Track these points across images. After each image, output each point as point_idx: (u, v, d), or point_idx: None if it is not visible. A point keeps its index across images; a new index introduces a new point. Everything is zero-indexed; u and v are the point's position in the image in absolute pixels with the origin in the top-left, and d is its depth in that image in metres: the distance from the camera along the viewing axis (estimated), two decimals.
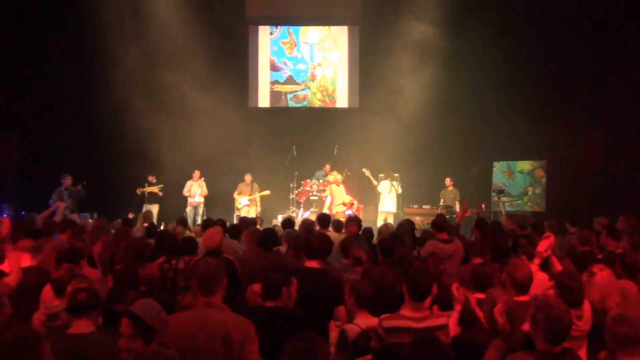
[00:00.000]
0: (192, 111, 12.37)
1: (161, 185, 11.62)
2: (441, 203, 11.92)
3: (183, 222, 7.11)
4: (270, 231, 5.23)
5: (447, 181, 11.98)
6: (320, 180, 12.42)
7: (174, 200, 12.09)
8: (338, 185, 11.18)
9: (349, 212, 10.88)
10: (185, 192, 11.93)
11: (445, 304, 3.45)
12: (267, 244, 4.94)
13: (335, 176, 11.20)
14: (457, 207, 11.72)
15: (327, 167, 12.77)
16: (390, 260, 4.68)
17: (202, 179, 12.12)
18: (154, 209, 11.27)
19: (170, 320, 2.64)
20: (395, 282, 4.00)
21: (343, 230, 6.56)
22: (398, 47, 12.76)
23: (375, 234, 6.79)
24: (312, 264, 3.93)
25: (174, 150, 11.99)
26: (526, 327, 2.68)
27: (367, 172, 11.68)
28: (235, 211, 12.05)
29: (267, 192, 12.03)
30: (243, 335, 2.66)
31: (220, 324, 2.66)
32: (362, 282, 3.65)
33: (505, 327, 3.15)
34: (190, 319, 2.71)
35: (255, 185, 12.15)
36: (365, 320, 3.34)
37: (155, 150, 12.00)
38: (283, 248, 5.56)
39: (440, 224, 5.73)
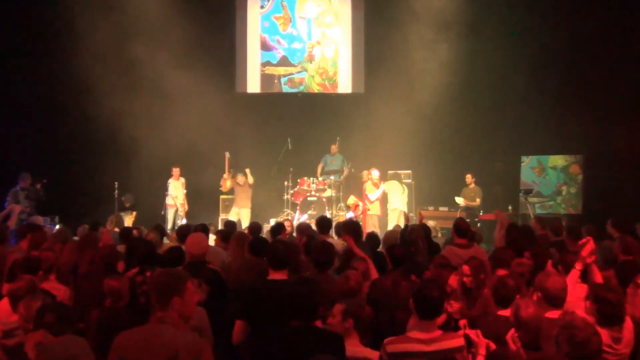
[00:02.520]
0: (170, 97, 12.33)
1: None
2: (462, 204, 11.93)
3: (161, 228, 7.10)
4: (261, 238, 5.25)
5: (468, 178, 11.96)
6: (330, 165, 12.59)
7: (152, 200, 12.13)
8: (376, 186, 11.29)
9: (350, 214, 10.89)
10: (172, 193, 11.93)
11: (485, 327, 3.41)
12: (259, 250, 4.98)
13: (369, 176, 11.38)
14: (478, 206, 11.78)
15: (334, 147, 12.83)
16: (402, 269, 4.69)
17: (182, 179, 12.12)
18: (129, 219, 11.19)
19: (118, 338, 2.69)
20: (409, 295, 3.99)
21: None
22: (409, 21, 12.74)
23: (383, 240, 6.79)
24: (278, 275, 3.94)
25: (149, 142, 11.96)
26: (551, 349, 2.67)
27: (369, 177, 11.57)
28: (220, 213, 12.05)
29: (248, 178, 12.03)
30: (192, 356, 2.70)
31: (168, 344, 2.69)
32: (357, 303, 3.60)
33: (519, 357, 3.09)
34: (138, 336, 2.75)
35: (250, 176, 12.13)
36: (351, 349, 3.24)
37: (127, 141, 11.99)
38: None
39: (463, 228, 5.75)
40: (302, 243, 5.68)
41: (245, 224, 10.94)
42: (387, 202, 11.61)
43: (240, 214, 11.77)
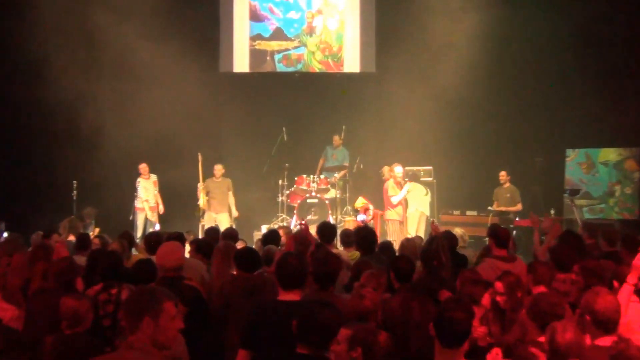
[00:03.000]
0: (140, 77, 12.31)
1: (97, 230, 11.52)
2: (493, 207, 11.91)
3: (128, 236, 7.10)
4: (251, 249, 5.25)
5: (502, 176, 11.95)
6: (333, 155, 12.69)
7: (118, 202, 12.16)
8: (399, 186, 11.33)
9: (363, 217, 10.90)
10: (142, 194, 11.94)
11: (522, 358, 3.39)
12: (248, 264, 5.00)
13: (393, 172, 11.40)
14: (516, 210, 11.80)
15: (337, 138, 12.93)
16: (409, 286, 4.71)
17: (153, 176, 12.11)
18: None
19: None
20: (424, 319, 3.99)
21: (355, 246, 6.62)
22: None
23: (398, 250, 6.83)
24: (289, 296, 3.96)
25: (115, 131, 11.98)
26: None
27: (391, 174, 11.58)
28: (200, 220, 12.08)
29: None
30: None
31: None
32: (368, 329, 3.58)
33: None
34: None
35: (228, 182, 12.15)
36: None
37: (88, 130, 12.01)
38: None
39: (503, 237, 5.76)
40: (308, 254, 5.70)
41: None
42: (406, 205, 11.63)
43: (218, 220, 11.81)
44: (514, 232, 11.24)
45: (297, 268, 4.05)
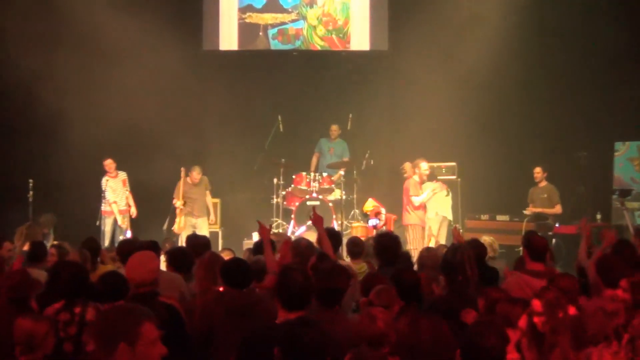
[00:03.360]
0: (109, 55, 12.36)
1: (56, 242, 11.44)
2: (528, 210, 11.88)
3: (92, 245, 7.08)
4: (241, 261, 5.22)
5: (537, 173, 11.91)
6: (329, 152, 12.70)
7: (83, 204, 12.14)
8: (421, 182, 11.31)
9: (374, 222, 10.86)
10: (109, 196, 11.91)
11: None
12: (237, 278, 4.98)
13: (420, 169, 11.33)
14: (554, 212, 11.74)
15: (334, 128, 12.96)
16: (415, 303, 4.72)
17: (123, 174, 12.08)
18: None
19: None
20: (437, 343, 3.97)
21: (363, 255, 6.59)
22: None
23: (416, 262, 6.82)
24: (292, 317, 3.98)
25: (79, 119, 11.94)
26: None
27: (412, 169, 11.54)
28: (177, 228, 12.03)
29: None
30: None
31: None
32: (377, 356, 3.55)
33: None
34: None
35: (205, 181, 12.10)
36: None
37: (47, 117, 12.01)
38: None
39: (538, 247, 5.72)
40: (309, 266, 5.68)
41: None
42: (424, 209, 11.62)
43: (197, 226, 11.82)
44: (553, 240, 11.21)
45: (304, 285, 4.08)
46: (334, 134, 13.03)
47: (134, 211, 12.06)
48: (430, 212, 11.47)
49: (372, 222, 10.93)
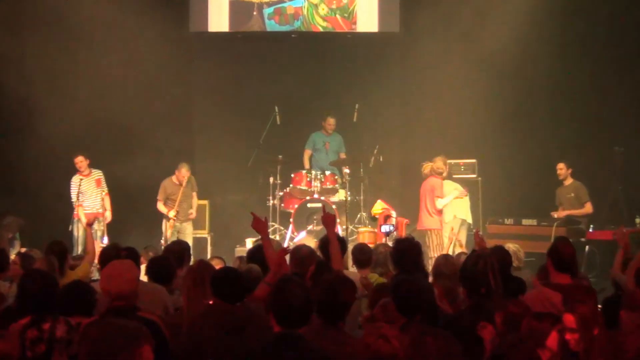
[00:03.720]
0: (84, 37, 12.32)
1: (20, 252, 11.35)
2: (557, 213, 11.84)
3: (59, 249, 7.05)
4: (233, 271, 5.20)
5: (560, 169, 11.83)
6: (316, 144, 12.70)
7: (54, 206, 12.11)
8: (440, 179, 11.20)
9: (387, 228, 10.81)
10: (74, 196, 11.86)
11: None
12: (229, 291, 4.96)
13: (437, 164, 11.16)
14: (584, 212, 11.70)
15: (331, 121, 12.93)
16: (418, 318, 4.70)
17: (97, 172, 12.04)
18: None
19: None
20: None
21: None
22: None
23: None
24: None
25: (48, 110, 11.92)
26: None
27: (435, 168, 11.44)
28: (164, 234, 12.01)
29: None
30: None
31: None
32: None
33: None
34: None
35: (192, 181, 12.05)
36: None
37: (12, 107, 12.01)
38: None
39: (566, 256, 5.66)
40: (308, 276, 5.69)
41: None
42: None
43: (182, 232, 11.83)
44: (587, 247, 11.18)
45: (305, 301, 4.06)
46: (331, 127, 13.00)
47: (108, 215, 11.98)
48: (447, 214, 11.41)
49: (386, 228, 10.79)
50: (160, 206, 11.94)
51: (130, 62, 12.38)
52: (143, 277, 6.14)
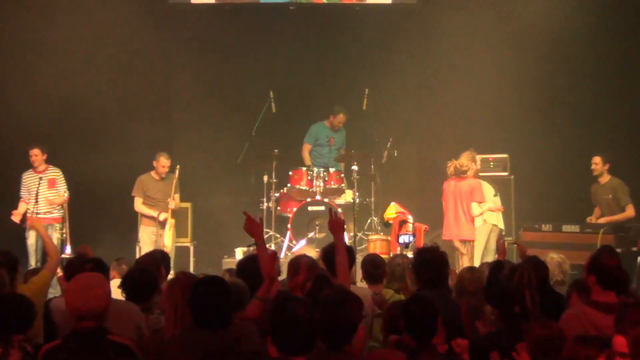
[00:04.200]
0: (44, 8, 12.30)
1: None
2: (593, 218, 11.81)
3: (8, 259, 7.02)
4: (220, 283, 5.16)
5: (595, 164, 11.76)
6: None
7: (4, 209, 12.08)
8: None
9: (407, 239, 10.77)
10: (25, 195, 11.85)
11: None
12: (212, 314, 4.89)
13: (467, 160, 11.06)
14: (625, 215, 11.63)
15: (342, 118, 12.90)
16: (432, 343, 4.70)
17: (54, 171, 12.02)
18: None
19: None
20: None
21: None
22: None
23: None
24: None
25: (1, 95, 12.00)
26: None
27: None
28: (139, 240, 12.02)
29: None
30: None
31: None
32: None
33: None
34: None
35: (174, 177, 12.01)
36: None
37: None
38: None
39: (611, 271, 5.62)
40: (304, 291, 5.68)
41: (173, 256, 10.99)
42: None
43: (163, 238, 11.79)
44: (639, 259, 11.14)
45: (310, 323, 4.09)
46: (340, 124, 12.98)
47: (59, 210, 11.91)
48: (475, 220, 11.41)
49: (404, 239, 10.72)
50: (140, 206, 11.89)
51: (98, 38, 12.37)
52: (114, 294, 6.13)
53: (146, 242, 11.70)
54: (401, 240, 10.64)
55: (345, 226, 11.59)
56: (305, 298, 4.49)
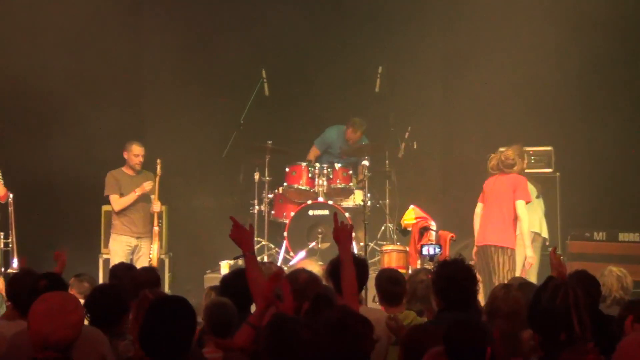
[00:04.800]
0: None
1: None
2: None
3: None
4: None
5: None
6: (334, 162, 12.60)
7: None
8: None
9: (432, 250, 10.77)
10: None
11: None
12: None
13: None
14: None
15: (358, 134, 12.85)
16: None
17: None
18: None
19: None
20: None
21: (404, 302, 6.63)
22: None
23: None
24: None
25: None
26: None
27: None
28: (107, 251, 12.03)
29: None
30: None
31: None
32: None
33: None
34: None
35: (151, 176, 12.03)
36: None
37: None
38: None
39: None
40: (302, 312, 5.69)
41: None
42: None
43: (137, 252, 11.83)
44: None
45: (316, 353, 4.13)
46: (356, 135, 12.97)
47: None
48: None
49: (429, 249, 10.67)
50: (120, 201, 11.79)
51: (51, 5, 12.39)
52: None
53: (118, 254, 11.62)
54: (425, 251, 10.54)
55: (353, 234, 11.82)
56: (310, 321, 4.49)
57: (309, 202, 12.24)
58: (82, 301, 6.62)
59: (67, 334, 4.61)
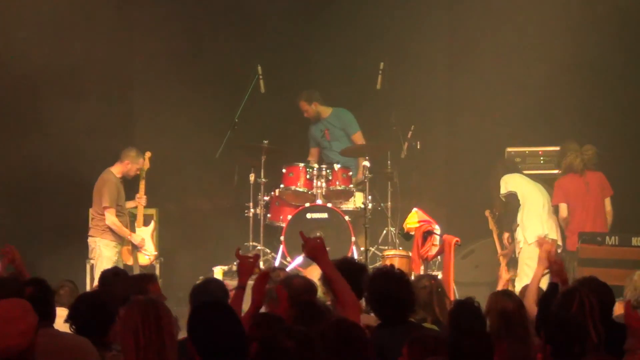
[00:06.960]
0: None
1: None
2: None
3: None
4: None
5: None
6: (335, 165, 12.56)
7: None
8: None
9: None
10: None
11: None
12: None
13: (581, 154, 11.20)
14: None
15: (300, 105, 12.89)
16: None
17: None
18: None
19: None
20: None
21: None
22: None
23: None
24: None
25: None
26: None
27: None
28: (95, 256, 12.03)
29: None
30: None
31: None
32: None
33: None
34: None
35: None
36: None
37: None
38: None
39: None
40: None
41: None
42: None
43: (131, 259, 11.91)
44: None
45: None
46: (309, 114, 12.96)
47: None
48: (532, 231, 11.42)
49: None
50: (117, 221, 11.82)
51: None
52: (61, 326, 6.15)
53: (111, 260, 11.64)
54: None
55: (353, 239, 11.79)
56: (307, 330, 4.43)
57: (307, 204, 12.23)
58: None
59: (13, 343, 4.56)
